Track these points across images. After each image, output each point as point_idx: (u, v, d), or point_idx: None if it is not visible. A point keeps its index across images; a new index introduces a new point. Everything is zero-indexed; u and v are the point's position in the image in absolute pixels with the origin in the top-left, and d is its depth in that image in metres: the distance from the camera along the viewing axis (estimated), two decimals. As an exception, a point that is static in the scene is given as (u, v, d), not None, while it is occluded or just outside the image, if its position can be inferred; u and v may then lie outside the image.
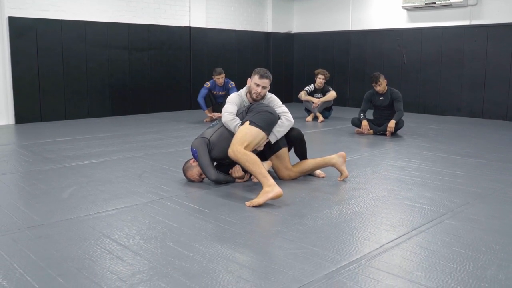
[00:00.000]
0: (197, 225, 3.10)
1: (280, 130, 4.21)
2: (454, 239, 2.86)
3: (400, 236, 2.90)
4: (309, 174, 4.49)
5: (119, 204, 3.54)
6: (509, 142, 6.41)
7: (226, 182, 4.17)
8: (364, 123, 7.00)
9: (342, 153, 4.37)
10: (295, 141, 4.47)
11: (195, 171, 4.17)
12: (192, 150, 4.13)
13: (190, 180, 4.23)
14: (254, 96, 4.33)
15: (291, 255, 2.60)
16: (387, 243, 2.78)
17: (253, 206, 3.49)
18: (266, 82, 4.31)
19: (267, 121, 4.05)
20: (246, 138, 3.88)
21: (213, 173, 4.05)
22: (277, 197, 3.51)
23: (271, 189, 3.51)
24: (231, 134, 4.09)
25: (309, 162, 4.43)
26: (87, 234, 2.93)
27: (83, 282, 2.28)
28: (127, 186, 4.06)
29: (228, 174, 4.22)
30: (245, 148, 3.81)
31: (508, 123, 8.39)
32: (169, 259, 2.54)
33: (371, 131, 7.03)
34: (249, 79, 4.40)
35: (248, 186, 4.12)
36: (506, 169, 4.77)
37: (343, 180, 4.32)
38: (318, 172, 4.49)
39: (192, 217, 3.27)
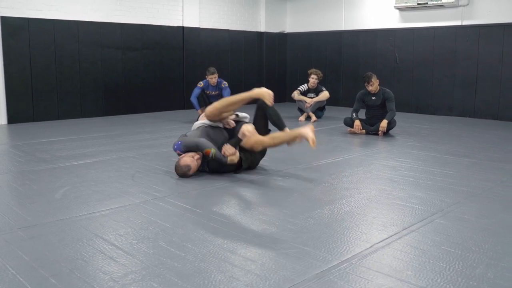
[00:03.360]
0: (190, 225, 3.12)
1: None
2: (444, 238, 2.89)
3: (391, 236, 2.93)
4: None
5: (111, 205, 3.55)
6: (500, 141, 6.47)
7: (219, 161, 4.30)
8: (357, 122, 7.04)
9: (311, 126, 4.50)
10: (263, 108, 4.63)
11: (186, 158, 4.28)
12: (174, 147, 4.39)
13: (184, 174, 4.29)
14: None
15: (282, 254, 2.62)
16: (378, 243, 2.81)
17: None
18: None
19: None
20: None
21: (204, 141, 4.27)
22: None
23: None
24: (207, 130, 4.49)
25: (277, 134, 4.54)
26: (79, 234, 2.94)
27: (75, 282, 2.29)
28: (120, 187, 4.07)
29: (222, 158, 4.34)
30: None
31: (499, 123, 8.46)
32: (162, 259, 2.56)
33: (364, 130, 7.06)
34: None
35: (242, 186, 4.14)
36: (496, 168, 4.82)
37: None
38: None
39: (185, 217, 3.28)
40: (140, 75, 9.68)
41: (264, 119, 4.69)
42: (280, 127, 4.67)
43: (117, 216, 3.29)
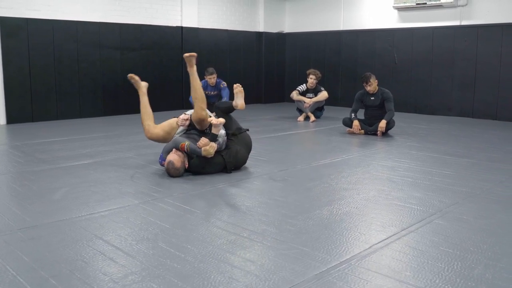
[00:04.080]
0: (189, 226, 3.12)
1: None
2: (442, 239, 2.90)
3: (390, 236, 2.94)
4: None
5: (111, 205, 3.55)
6: (499, 142, 6.49)
7: (194, 152, 4.38)
8: (355, 123, 7.05)
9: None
10: (220, 109, 4.99)
11: (171, 154, 4.40)
12: (159, 161, 4.63)
13: (174, 171, 4.36)
14: None
15: (282, 255, 2.63)
16: (376, 243, 2.82)
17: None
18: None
19: None
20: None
21: (178, 138, 4.51)
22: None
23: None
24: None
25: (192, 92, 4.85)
26: (79, 235, 2.94)
27: (75, 283, 2.30)
28: (119, 187, 4.08)
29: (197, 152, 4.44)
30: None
31: (498, 123, 8.48)
32: (161, 260, 2.57)
33: (362, 131, 7.07)
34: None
35: (241, 187, 4.15)
36: (495, 168, 4.83)
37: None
38: None
39: (184, 218, 3.29)
40: (139, 75, 9.51)
41: (226, 115, 4.87)
42: (229, 105, 4.97)
43: (116, 217, 3.29)
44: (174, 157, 4.35)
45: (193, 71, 4.74)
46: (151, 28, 9.74)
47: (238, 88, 4.89)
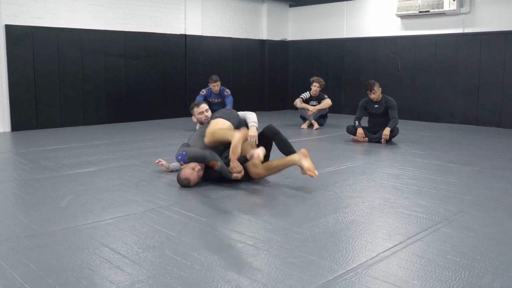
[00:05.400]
0: (195, 234, 3.12)
1: (251, 117, 4.71)
2: (449, 247, 2.89)
3: (396, 245, 2.93)
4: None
5: (116, 213, 3.56)
6: (503, 149, 6.48)
7: (224, 174, 4.29)
8: (359, 130, 7.05)
9: (303, 150, 4.42)
10: (271, 137, 4.60)
11: (186, 169, 4.29)
12: (177, 157, 4.33)
13: (185, 184, 4.29)
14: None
15: (288, 264, 2.63)
16: (383, 252, 2.82)
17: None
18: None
19: (227, 113, 4.77)
20: (216, 127, 4.40)
21: (211, 153, 4.28)
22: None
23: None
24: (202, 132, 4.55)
25: (275, 161, 4.50)
26: (85, 243, 2.94)
27: (82, 291, 2.30)
28: (124, 195, 4.08)
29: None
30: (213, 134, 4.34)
31: (502, 130, 8.47)
32: (168, 268, 2.56)
33: (366, 138, 7.07)
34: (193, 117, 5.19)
35: (246, 195, 4.15)
36: (500, 176, 4.82)
37: (309, 175, 4.27)
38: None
39: (190, 226, 3.29)
40: (143, 83, 9.72)
41: (268, 146, 4.62)
42: (290, 153, 4.52)
43: (122, 225, 3.30)
44: (193, 175, 4.26)
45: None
46: (155, 36, 9.79)
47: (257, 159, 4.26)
